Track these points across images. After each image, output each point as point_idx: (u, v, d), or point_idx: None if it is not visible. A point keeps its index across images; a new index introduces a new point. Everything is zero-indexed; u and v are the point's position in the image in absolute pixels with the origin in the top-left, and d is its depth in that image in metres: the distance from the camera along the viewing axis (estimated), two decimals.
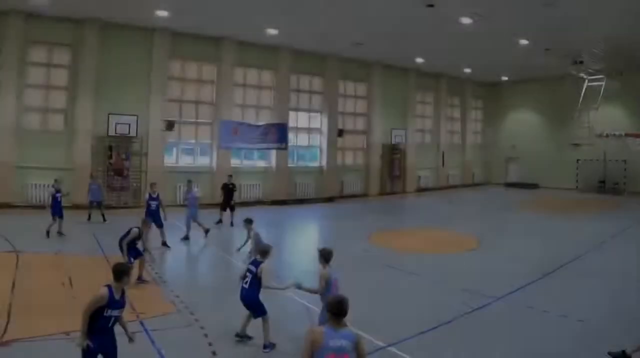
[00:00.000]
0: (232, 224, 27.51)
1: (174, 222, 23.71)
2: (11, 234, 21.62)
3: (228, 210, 28.40)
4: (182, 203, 27.71)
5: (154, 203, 22.44)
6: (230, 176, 29.53)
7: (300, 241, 26.91)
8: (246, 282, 11.19)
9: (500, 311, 14.16)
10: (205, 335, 11.76)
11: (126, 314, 11.33)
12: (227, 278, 16.92)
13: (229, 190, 28.54)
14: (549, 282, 17.34)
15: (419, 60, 44.83)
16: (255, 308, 11.26)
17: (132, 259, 15.48)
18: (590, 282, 17.45)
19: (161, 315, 12.90)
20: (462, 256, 21.57)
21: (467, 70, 50.39)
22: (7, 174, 29.48)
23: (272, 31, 34.56)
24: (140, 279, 15.93)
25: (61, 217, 23.22)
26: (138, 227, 16.10)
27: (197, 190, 25.25)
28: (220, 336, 11.71)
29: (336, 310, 6.82)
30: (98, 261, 18.19)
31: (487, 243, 24.09)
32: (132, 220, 20.14)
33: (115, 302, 8.39)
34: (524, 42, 35.39)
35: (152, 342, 11.16)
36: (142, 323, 12.15)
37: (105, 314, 8.24)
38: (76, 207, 28.93)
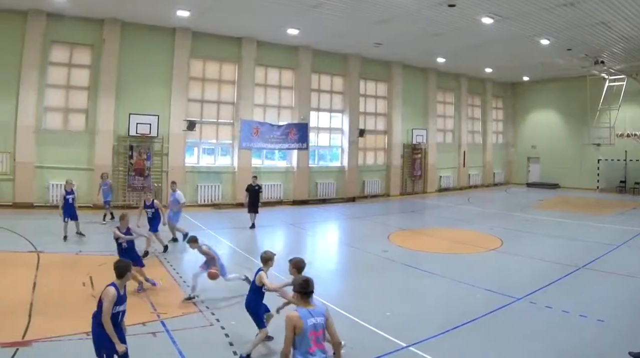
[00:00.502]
0: (252, 226, 26.52)
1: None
2: (32, 234, 21.35)
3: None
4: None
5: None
6: (255, 177, 28.21)
7: (321, 241, 26.26)
8: (250, 290, 11.15)
9: (520, 311, 13.88)
10: (227, 335, 11.61)
11: (147, 314, 12.11)
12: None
13: (254, 191, 27.12)
14: (570, 282, 17.02)
15: (440, 60, 43.83)
16: (254, 317, 10.93)
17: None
18: (610, 282, 17.22)
19: (182, 315, 12.71)
20: (483, 256, 21.20)
21: (488, 70, 49.32)
22: (28, 174, 28.98)
23: (293, 31, 33.84)
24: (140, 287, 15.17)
25: (74, 218, 22.15)
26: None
27: (179, 193, 23.52)
28: (241, 336, 11.48)
29: (304, 290, 7.45)
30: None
31: (507, 243, 23.58)
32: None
33: (121, 298, 8.80)
34: (544, 42, 34.23)
35: (174, 342, 11.05)
36: (163, 324, 12.12)
37: (114, 311, 8.56)
38: (98, 207, 28.40)
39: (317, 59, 39.84)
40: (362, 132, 42.52)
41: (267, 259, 11.23)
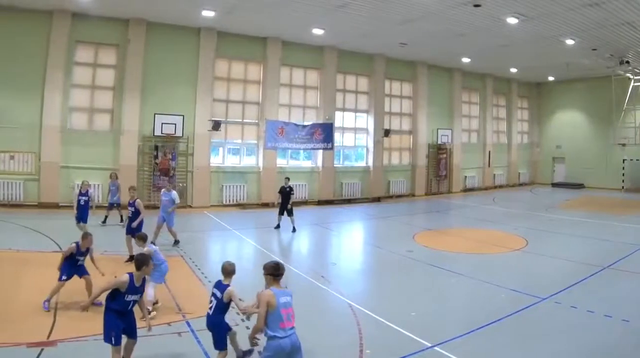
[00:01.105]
0: (293, 230, 25.23)
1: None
2: (57, 234, 20.79)
3: (286, 214, 25.76)
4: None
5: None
6: (288, 179, 26.89)
7: (346, 241, 25.63)
8: (210, 308, 9.58)
9: (545, 311, 13.61)
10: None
11: (172, 314, 11.92)
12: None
13: (286, 193, 25.88)
14: (595, 282, 16.69)
15: (465, 60, 42.75)
16: (218, 337, 9.49)
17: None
18: (636, 282, 16.90)
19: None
20: (508, 256, 20.80)
21: (513, 70, 48.12)
22: (53, 174, 28.38)
23: (318, 31, 32.99)
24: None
25: (84, 221, 20.63)
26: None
27: (175, 193, 21.51)
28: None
29: (276, 272, 8.50)
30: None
31: (532, 243, 23.05)
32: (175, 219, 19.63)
33: (135, 288, 9.37)
34: (570, 42, 33.17)
35: (199, 342, 10.81)
36: (188, 324, 11.95)
37: (126, 299, 9.19)
38: (124, 207, 27.82)
39: (342, 59, 38.91)
40: (387, 132, 41.52)
41: (231, 272, 9.89)
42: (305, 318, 11.68)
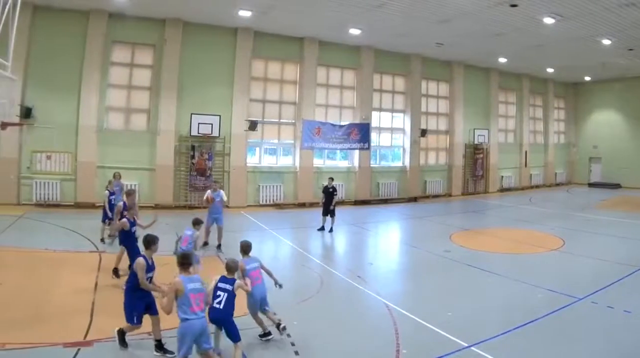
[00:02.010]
0: (331, 230, 24.46)
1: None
2: (94, 234, 20.28)
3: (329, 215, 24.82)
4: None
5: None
6: (331, 179, 25.84)
7: (382, 241, 24.96)
8: (219, 302, 9.50)
9: (582, 311, 13.25)
10: (288, 335, 10.98)
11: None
12: (309, 279, 15.90)
13: (329, 193, 24.75)
14: (631, 282, 16.17)
15: (502, 60, 41.12)
16: (233, 329, 9.56)
17: None
18: None
19: (243, 315, 11.28)
20: (545, 256, 20.14)
21: (550, 70, 46.23)
22: (90, 174, 27.59)
23: (355, 31, 31.83)
24: None
25: (112, 219, 19.26)
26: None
27: (222, 192, 20.71)
28: (302, 336, 11.03)
29: (182, 261, 9.08)
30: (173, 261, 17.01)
31: (569, 243, 22.32)
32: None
33: (150, 266, 10.10)
34: (606, 42, 32.02)
35: None
36: None
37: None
38: (160, 207, 27.28)
39: (379, 59, 37.50)
40: (423, 132, 40.11)
41: (234, 269, 9.99)
42: (342, 318, 12.33)
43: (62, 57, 27.54)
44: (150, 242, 10.37)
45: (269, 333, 10.76)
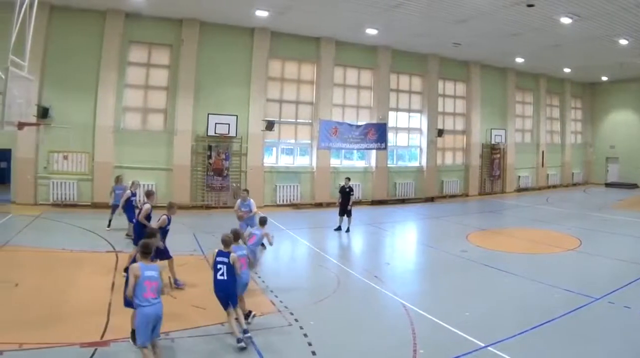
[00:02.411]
0: (347, 230, 24.04)
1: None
2: (111, 234, 20.31)
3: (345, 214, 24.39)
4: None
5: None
6: (348, 179, 25.33)
7: (399, 241, 24.58)
8: (222, 274, 10.71)
9: (599, 311, 13.03)
10: (305, 335, 10.90)
11: (226, 315, 10.82)
12: (326, 279, 15.72)
13: (346, 193, 24.36)
14: None
15: (519, 60, 40.37)
16: (235, 297, 10.85)
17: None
18: None
19: (260, 315, 11.91)
20: (561, 256, 19.79)
21: (567, 70, 45.26)
22: (107, 174, 26.72)
23: (372, 31, 31.27)
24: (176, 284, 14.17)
25: (131, 220, 19.11)
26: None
27: (252, 201, 19.70)
28: (319, 336, 10.88)
29: (144, 250, 9.17)
30: (198, 260, 17.28)
31: (586, 244, 21.90)
32: (229, 219, 18.74)
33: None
34: (623, 42, 31.52)
35: (252, 342, 10.36)
36: None
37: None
38: (177, 207, 26.97)
39: (396, 59, 36.74)
40: (440, 132, 39.41)
41: (229, 242, 11.17)
42: (359, 318, 12.25)
43: (79, 57, 27.13)
44: (152, 234, 10.77)
45: (249, 313, 11.46)
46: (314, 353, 10.02)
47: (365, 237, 24.86)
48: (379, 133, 34.02)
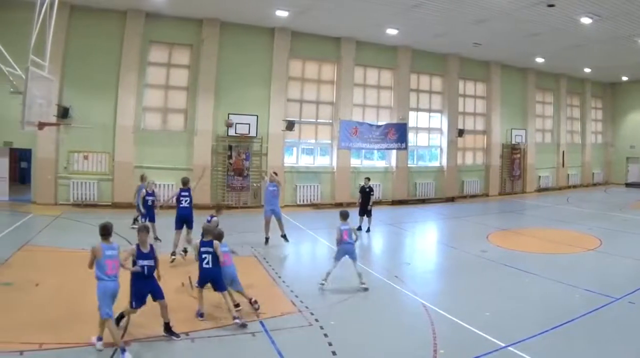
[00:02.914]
0: (368, 230, 23.78)
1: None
2: (131, 234, 17.51)
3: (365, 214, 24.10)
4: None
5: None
6: (368, 179, 24.95)
7: (420, 241, 24.37)
8: (207, 263, 11.54)
9: (619, 311, 12.87)
10: (325, 335, 10.79)
11: (246, 314, 11.57)
12: (347, 279, 15.07)
13: (366, 193, 24.04)
14: None
15: (539, 60, 39.30)
16: (221, 282, 11.55)
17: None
18: None
19: (281, 315, 12.00)
20: (582, 256, 19.61)
21: (587, 70, 44.15)
22: (127, 175, 26.47)
23: (392, 31, 30.52)
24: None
25: (152, 221, 19.16)
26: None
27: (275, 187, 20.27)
28: (340, 336, 10.77)
29: (103, 232, 9.96)
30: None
31: (606, 243, 21.58)
32: (249, 219, 18.50)
33: (144, 255, 10.41)
34: None
35: (272, 342, 10.40)
36: (262, 324, 11.43)
37: (140, 265, 10.29)
38: (198, 207, 26.83)
39: (416, 59, 35.86)
40: (461, 132, 38.49)
41: (212, 232, 11.98)
42: (379, 318, 12.18)
43: (99, 57, 26.63)
44: (140, 231, 10.82)
45: (238, 305, 11.77)
46: (334, 353, 9.90)
47: (385, 237, 24.46)
48: (399, 133, 33.33)
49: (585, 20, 26.94)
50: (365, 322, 11.80)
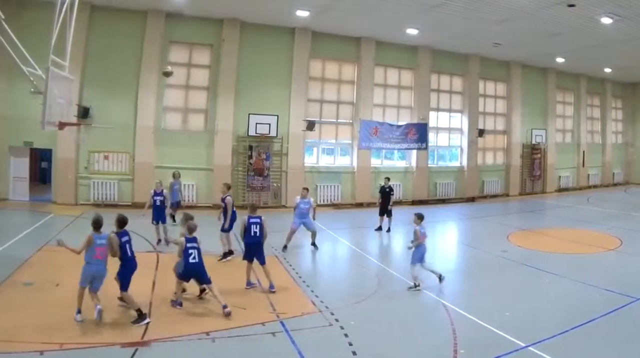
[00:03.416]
0: (388, 230, 23.49)
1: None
2: (152, 234, 19.42)
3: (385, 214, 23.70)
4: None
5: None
6: (388, 179, 24.61)
7: (440, 241, 23.41)
8: (194, 258, 11.90)
9: None
10: (346, 335, 10.60)
11: (267, 315, 11.56)
12: (367, 279, 15.43)
13: (386, 193, 23.71)
14: None
15: (559, 60, 38.21)
16: (206, 275, 12.05)
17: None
18: None
19: (301, 315, 11.85)
20: (602, 256, 19.30)
21: (607, 70, 42.94)
22: (147, 174, 26.01)
23: (413, 31, 29.80)
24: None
25: (162, 221, 18.73)
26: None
27: (312, 200, 20.10)
28: (360, 336, 10.57)
29: (96, 225, 11.09)
30: (239, 261, 16.22)
31: (627, 243, 21.19)
32: (270, 219, 18.35)
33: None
34: None
35: (293, 342, 10.20)
36: (282, 324, 11.23)
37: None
38: (218, 207, 26.45)
39: (437, 59, 35.02)
40: (481, 132, 37.48)
41: (195, 228, 12.40)
42: (399, 318, 12.03)
43: (119, 57, 26.16)
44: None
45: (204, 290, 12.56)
46: (354, 353, 9.76)
47: (405, 237, 23.08)
48: (419, 133, 32.59)
49: (606, 20, 26.34)
50: (386, 322, 11.61)
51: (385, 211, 23.50)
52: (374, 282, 14.62)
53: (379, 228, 23.48)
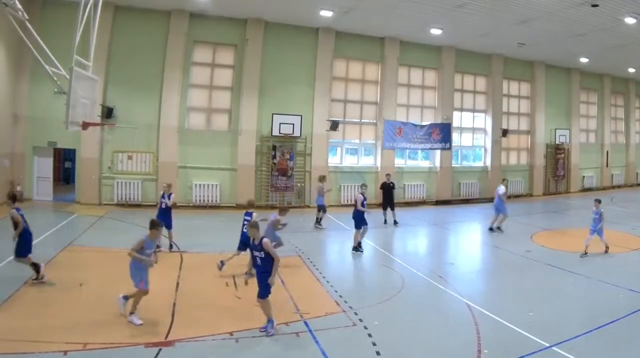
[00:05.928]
0: (395, 223, 24.19)
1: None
2: (175, 234, 18.81)
3: (389, 208, 24.75)
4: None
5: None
6: (389, 175, 25.77)
7: (464, 241, 23.89)
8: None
9: None
10: (369, 335, 10.40)
11: (290, 315, 11.34)
12: (391, 279, 15.17)
13: (389, 188, 24.72)
14: None
15: (583, 60, 36.78)
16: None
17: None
18: None
19: (325, 315, 11.63)
20: (626, 256, 18.81)
21: (631, 70, 41.22)
22: (171, 174, 25.29)
23: (436, 31, 28.86)
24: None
25: (168, 227, 17.10)
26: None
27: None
28: (384, 336, 10.39)
29: (153, 227, 11.26)
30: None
31: None
32: (294, 219, 19.17)
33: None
34: None
35: (316, 342, 10.07)
36: (306, 324, 11.05)
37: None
38: (241, 207, 25.93)
39: (460, 59, 33.88)
40: (505, 132, 36.19)
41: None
42: (423, 318, 11.86)
43: (143, 57, 25.40)
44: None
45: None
46: (378, 353, 9.58)
47: (429, 237, 24.08)
48: (443, 133, 31.40)
49: (630, 20, 25.74)
50: (409, 322, 11.45)
51: (389, 205, 24.76)
52: (398, 282, 14.37)
53: (385, 222, 24.67)
